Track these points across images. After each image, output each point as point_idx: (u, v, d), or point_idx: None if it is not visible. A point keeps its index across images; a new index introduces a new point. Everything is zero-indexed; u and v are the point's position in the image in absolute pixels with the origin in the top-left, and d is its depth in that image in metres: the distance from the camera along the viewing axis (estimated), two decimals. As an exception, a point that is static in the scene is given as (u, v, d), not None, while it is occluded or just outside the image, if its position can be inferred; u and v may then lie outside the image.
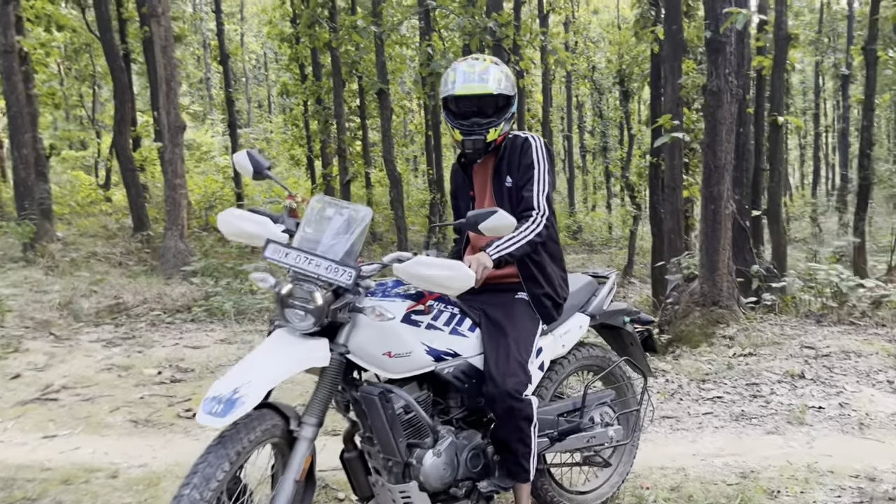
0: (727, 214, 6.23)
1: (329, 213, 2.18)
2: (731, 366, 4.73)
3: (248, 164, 2.32)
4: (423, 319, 2.28)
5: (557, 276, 2.60)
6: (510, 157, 2.56)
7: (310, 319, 2.04)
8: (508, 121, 2.52)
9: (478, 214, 2.12)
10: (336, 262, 2.04)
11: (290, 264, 2.06)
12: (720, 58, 5.98)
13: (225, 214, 2.25)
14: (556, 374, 2.73)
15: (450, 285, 2.05)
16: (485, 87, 2.44)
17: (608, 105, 28.40)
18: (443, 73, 8.12)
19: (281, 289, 2.07)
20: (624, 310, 2.91)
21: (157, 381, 4.72)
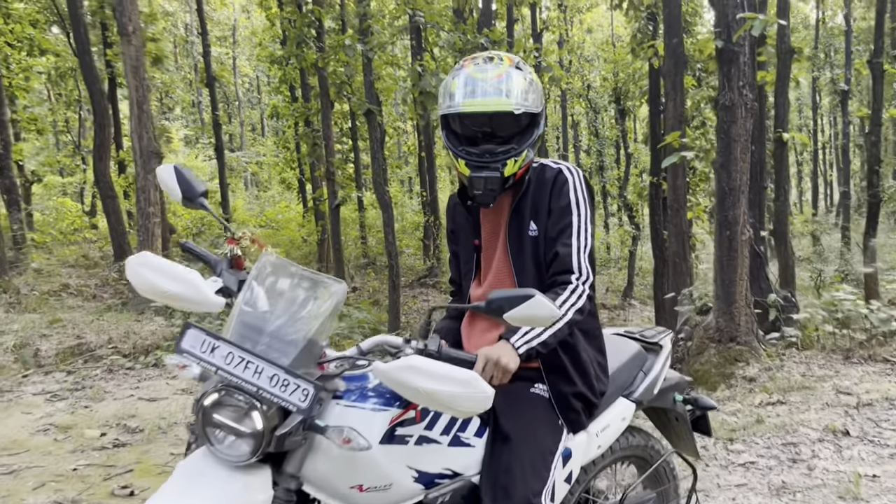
0: (744, 241, 5.66)
1: (283, 286, 1.54)
2: (761, 419, 4.12)
3: (174, 184, 1.70)
4: (412, 433, 1.63)
5: (594, 365, 1.94)
6: (537, 195, 1.88)
7: (244, 448, 1.42)
8: (533, 146, 1.84)
9: (505, 298, 1.47)
10: (286, 370, 1.40)
11: (217, 366, 1.41)
12: (733, 69, 5.44)
13: (135, 263, 1.55)
14: (585, 475, 2.10)
15: (458, 407, 1.39)
16: (501, 102, 1.74)
17: (604, 124, 28.07)
18: (433, 91, 7.29)
19: (204, 396, 1.44)
20: (676, 384, 2.28)
21: (98, 445, 4.08)
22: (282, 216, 22.75)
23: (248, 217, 22.68)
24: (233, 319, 1.47)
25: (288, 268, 1.51)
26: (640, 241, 22.01)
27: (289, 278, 1.50)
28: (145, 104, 8.86)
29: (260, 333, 1.44)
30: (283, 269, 1.51)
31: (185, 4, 27.86)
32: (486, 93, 1.73)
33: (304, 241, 19.64)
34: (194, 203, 1.69)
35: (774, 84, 10.94)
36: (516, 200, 1.89)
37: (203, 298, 1.52)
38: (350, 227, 20.21)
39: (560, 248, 1.82)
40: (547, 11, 22.01)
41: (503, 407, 1.79)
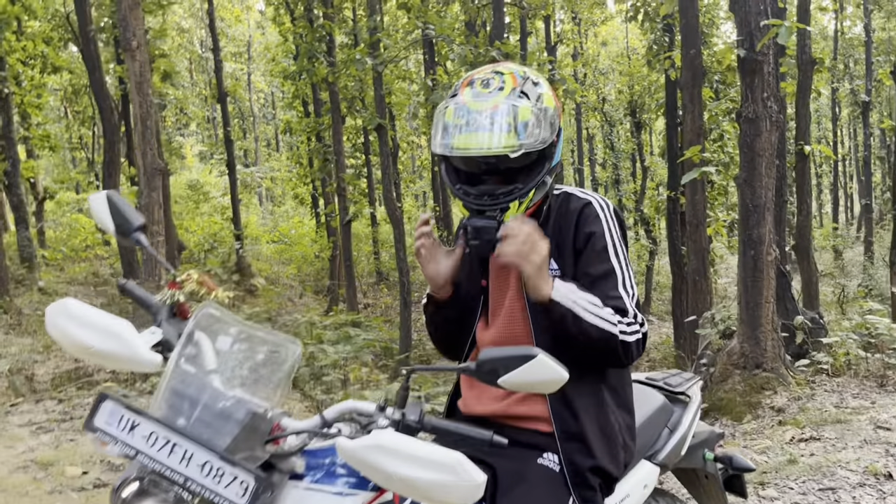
0: (770, 261, 5.33)
1: (224, 343, 1.27)
2: (794, 459, 3.78)
3: (106, 216, 1.46)
4: None
5: (622, 431, 1.60)
6: (559, 229, 1.59)
7: None
8: (543, 184, 1.53)
9: (500, 359, 1.19)
10: (221, 456, 1.12)
11: (136, 449, 1.14)
12: (756, 79, 5.14)
13: (55, 312, 1.26)
14: None
15: (439, 498, 1.10)
16: (505, 140, 1.43)
17: (619, 137, 27.83)
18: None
19: (122, 487, 1.17)
20: (706, 439, 1.98)
21: (77, 485, 3.83)
22: (295, 231, 22.64)
23: (260, 232, 22.58)
24: (162, 386, 1.19)
25: (231, 323, 1.24)
26: (657, 256, 21.67)
27: (231, 336, 1.22)
28: (149, 120, 8.67)
29: (194, 405, 1.16)
30: (227, 323, 1.24)
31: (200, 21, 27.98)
32: (480, 128, 1.43)
33: (316, 257, 19.48)
34: (128, 238, 1.43)
35: (795, 95, 10.64)
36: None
37: (134, 356, 1.24)
38: (363, 243, 20.02)
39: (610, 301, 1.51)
40: (561, 24, 21.84)
41: (503, 481, 1.50)
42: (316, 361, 6.32)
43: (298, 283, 18.29)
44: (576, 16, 20.98)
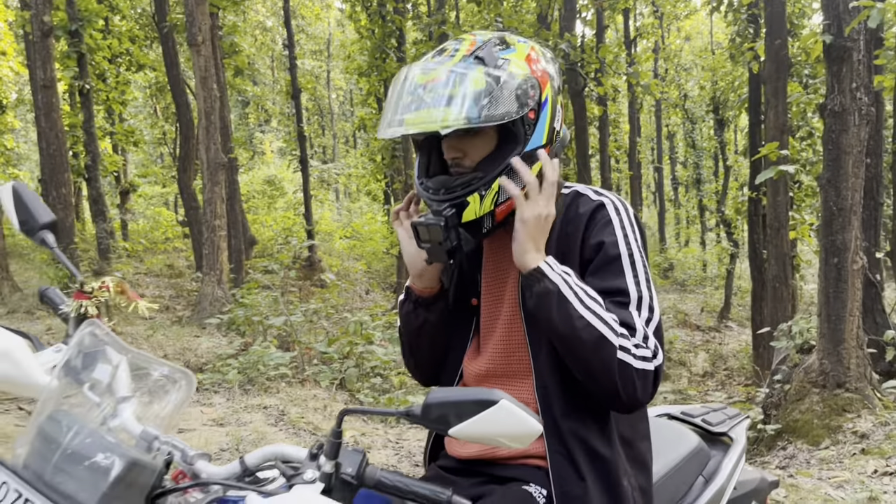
0: (856, 270, 4.81)
1: (102, 374, 1.03)
2: (875, 497, 3.33)
3: (10, 209, 1.28)
4: None
5: (633, 497, 1.27)
6: (565, 234, 1.29)
7: None
8: (514, 174, 1.22)
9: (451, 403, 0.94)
10: None
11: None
12: (844, 69, 4.63)
13: None
14: None
15: None
16: (444, 114, 1.15)
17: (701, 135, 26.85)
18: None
19: None
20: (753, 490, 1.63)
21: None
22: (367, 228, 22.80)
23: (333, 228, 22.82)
24: (31, 424, 0.97)
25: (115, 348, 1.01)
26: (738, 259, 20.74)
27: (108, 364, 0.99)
28: (213, 115, 8.73)
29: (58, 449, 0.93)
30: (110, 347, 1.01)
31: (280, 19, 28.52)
32: (424, 104, 1.16)
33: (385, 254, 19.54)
34: (33, 236, 1.23)
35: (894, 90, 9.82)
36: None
37: (27, 380, 1.04)
38: (432, 240, 19.94)
39: (621, 315, 1.22)
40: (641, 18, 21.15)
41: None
42: (365, 362, 6.16)
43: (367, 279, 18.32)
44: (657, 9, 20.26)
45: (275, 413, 4.97)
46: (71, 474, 0.91)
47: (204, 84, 8.59)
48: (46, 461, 0.92)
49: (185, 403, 0.97)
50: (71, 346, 1.02)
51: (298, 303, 9.30)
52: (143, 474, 0.93)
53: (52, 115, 8.84)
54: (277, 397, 5.33)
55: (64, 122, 9.75)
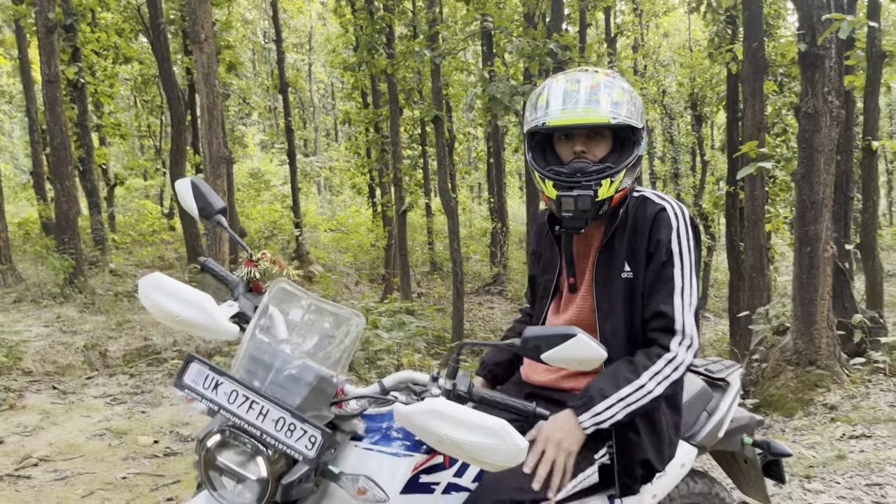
0: (826, 258, 5.28)
1: (295, 315, 1.41)
2: (843, 454, 3.78)
3: (190, 200, 1.62)
4: (439, 480, 1.46)
5: (669, 430, 1.70)
6: (634, 232, 1.66)
7: (247, 496, 1.30)
8: (633, 168, 1.63)
9: (543, 337, 1.30)
10: (293, 413, 1.27)
11: (219, 405, 1.30)
12: (817, 74, 5.08)
13: (146, 284, 1.43)
14: None
15: (485, 459, 1.21)
16: (597, 112, 1.55)
17: (679, 130, 27.29)
18: (500, 97, 7.09)
19: (207, 436, 1.33)
20: (746, 424, 2.05)
21: (149, 452, 4.09)
22: (352, 220, 23.01)
23: (319, 221, 23.04)
24: (241, 352, 1.35)
25: (302, 297, 1.39)
26: (715, 252, 21.28)
27: (302, 309, 1.37)
28: (216, 110, 9.00)
29: (268, 369, 1.32)
30: (298, 298, 1.39)
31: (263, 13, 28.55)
32: (578, 103, 1.55)
33: (372, 246, 19.82)
34: (210, 220, 1.59)
35: (864, 89, 10.33)
36: (609, 234, 1.68)
37: (215, 325, 1.40)
38: (418, 233, 20.23)
39: (662, 307, 1.59)
40: (622, 15, 21.59)
41: None
42: (371, 346, 6.51)
43: (354, 271, 18.63)
44: (637, 7, 20.71)
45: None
46: (279, 386, 1.29)
47: (207, 80, 8.84)
48: (260, 378, 1.30)
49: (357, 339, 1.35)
50: (267, 295, 1.39)
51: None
52: (328, 386, 1.32)
53: (56, 110, 9.06)
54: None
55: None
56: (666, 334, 1.57)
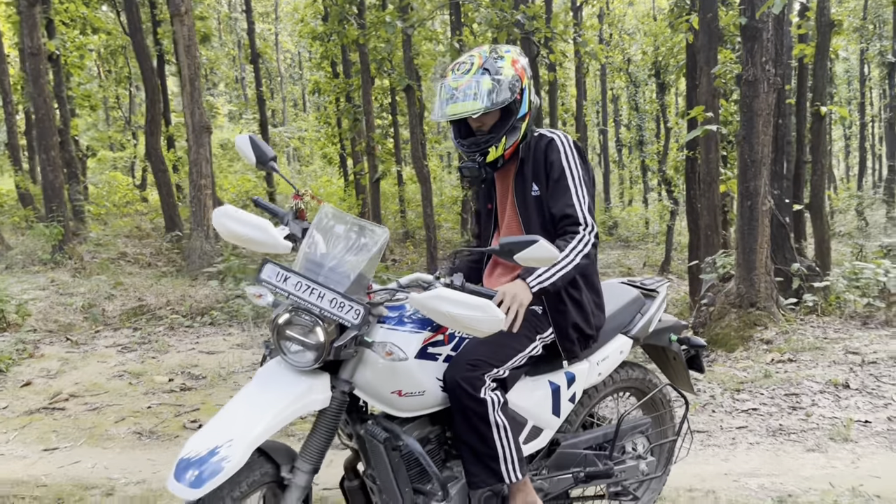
0: (764, 211, 5.90)
1: (339, 231, 1.91)
2: (769, 374, 4.43)
3: (249, 151, 2.09)
4: (440, 352, 2.01)
5: (590, 304, 2.26)
6: (534, 162, 2.22)
7: (309, 356, 1.81)
8: (515, 129, 2.18)
9: (514, 243, 1.81)
10: (342, 295, 1.78)
11: (289, 292, 1.81)
12: (756, 45, 5.65)
13: (219, 213, 1.92)
14: (589, 399, 2.45)
15: (476, 328, 1.74)
16: (472, 105, 2.09)
17: (644, 98, 27.88)
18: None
19: (278, 316, 1.83)
20: (671, 326, 2.62)
21: (167, 388, 4.59)
22: (323, 190, 23.28)
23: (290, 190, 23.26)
24: (300, 257, 1.87)
25: (343, 217, 1.90)
26: (678, 216, 22.02)
27: (343, 225, 1.88)
28: (196, 81, 9.34)
29: (321, 268, 1.83)
30: (339, 218, 1.90)
31: (229, -18, 28.34)
32: (459, 99, 2.10)
33: (344, 214, 20.14)
34: (266, 166, 2.08)
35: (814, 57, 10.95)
36: (518, 167, 2.25)
37: (274, 242, 1.91)
38: (390, 201, 20.61)
39: (565, 207, 2.14)
40: (587, -16, 21.95)
41: None
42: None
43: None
44: (603, -26, 21.07)
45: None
46: (331, 278, 1.81)
47: (188, 52, 9.17)
48: (315, 273, 1.82)
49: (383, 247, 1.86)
50: (319, 214, 1.90)
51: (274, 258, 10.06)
52: (364, 280, 1.84)
53: (40, 82, 9.30)
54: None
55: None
56: (574, 226, 2.14)
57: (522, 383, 2.20)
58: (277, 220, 2.09)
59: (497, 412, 2.01)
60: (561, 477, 2.33)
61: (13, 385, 4.64)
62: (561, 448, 2.33)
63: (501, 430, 2.01)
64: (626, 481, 2.48)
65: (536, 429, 2.23)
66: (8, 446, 3.66)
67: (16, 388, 4.60)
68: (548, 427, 2.26)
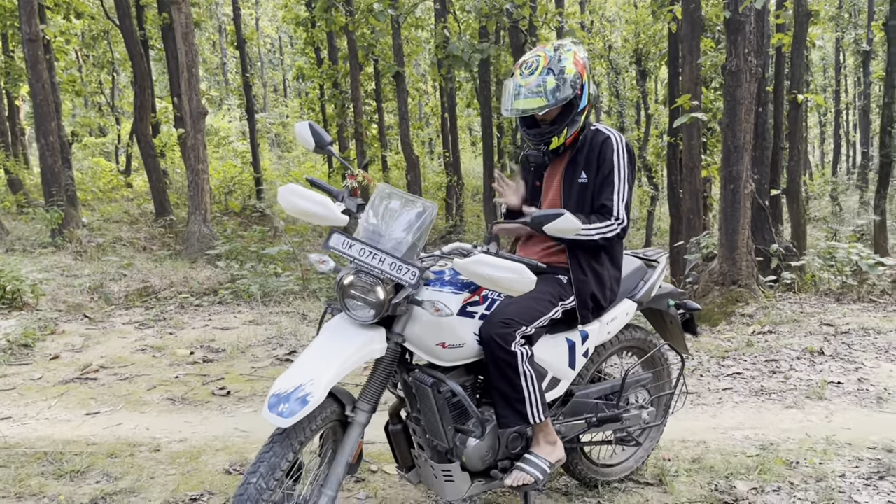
0: (746, 194, 6.27)
1: (394, 205, 2.19)
2: (751, 343, 4.81)
3: (309, 137, 2.35)
4: (477, 310, 2.31)
5: (610, 280, 2.58)
6: (588, 153, 2.52)
7: (370, 312, 2.11)
8: (575, 121, 2.47)
9: (543, 215, 2.10)
10: (400, 259, 2.07)
11: (354, 257, 2.10)
12: (739, 38, 6.00)
13: (284, 191, 2.19)
14: (598, 356, 2.78)
15: (512, 288, 2.04)
16: (539, 101, 2.38)
17: (625, 85, 28.16)
18: (460, 55, 8.40)
19: (343, 278, 2.13)
20: (670, 293, 2.95)
21: (189, 360, 4.87)
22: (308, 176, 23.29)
23: (275, 176, 23.37)
24: (361, 228, 2.17)
25: (397, 193, 2.20)
26: (658, 202, 22.43)
27: (398, 200, 2.19)
28: (194, 68, 9.52)
29: (381, 237, 2.13)
30: (394, 194, 2.20)
31: (211, -34, 28.14)
32: (527, 96, 2.40)
33: (332, 200, 20.30)
34: (324, 150, 2.37)
35: (791, 46, 11.34)
36: (573, 154, 2.56)
37: (334, 216, 2.20)
38: (375, 187, 20.78)
39: (605, 200, 2.47)
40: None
41: None
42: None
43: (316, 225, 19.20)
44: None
45: (297, 315, 6.13)
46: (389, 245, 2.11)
47: (185, 39, 9.34)
48: (376, 241, 2.12)
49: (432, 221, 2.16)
50: (377, 191, 2.20)
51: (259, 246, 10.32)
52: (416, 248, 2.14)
53: (38, 68, 9.43)
54: (293, 306, 6.48)
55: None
56: (608, 215, 2.47)
57: (544, 340, 2.52)
58: (334, 197, 2.38)
59: (525, 363, 2.33)
60: (575, 422, 2.66)
61: (42, 358, 4.89)
62: (575, 398, 2.66)
63: (528, 379, 2.33)
64: (630, 428, 2.82)
65: (555, 379, 2.56)
66: (51, 412, 3.93)
67: (45, 361, 4.85)
68: (565, 378, 2.59)
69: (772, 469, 2.95)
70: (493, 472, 2.41)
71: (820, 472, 2.93)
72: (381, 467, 3.11)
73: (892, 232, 17.32)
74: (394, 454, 2.52)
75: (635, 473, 3.00)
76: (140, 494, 2.89)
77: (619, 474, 2.97)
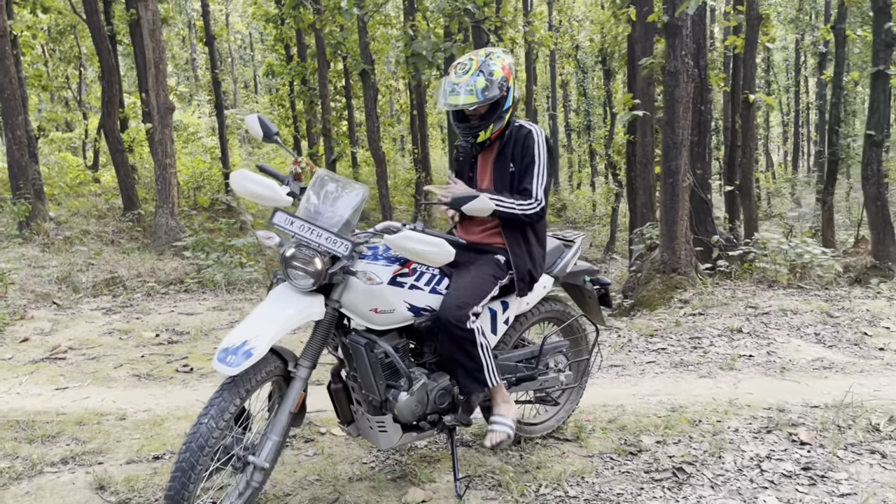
0: (685, 187, 6.69)
1: (331, 188, 2.52)
2: (679, 323, 5.21)
3: (258, 128, 2.63)
4: (406, 281, 2.63)
5: (539, 257, 2.93)
6: (514, 146, 2.83)
7: (309, 280, 2.42)
8: (500, 118, 2.79)
9: (461, 197, 2.50)
10: (335, 233, 2.38)
11: (294, 232, 2.41)
12: (677, 40, 6.41)
13: (237, 175, 2.51)
14: (520, 325, 3.12)
15: (432, 259, 2.38)
16: (469, 98, 2.70)
17: (592, 84, 28.64)
18: (424, 54, 8.84)
19: (285, 251, 2.43)
20: (586, 270, 3.31)
21: (155, 342, 5.14)
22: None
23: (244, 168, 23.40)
24: (301, 207, 2.50)
25: (334, 177, 2.54)
26: (622, 199, 22.91)
27: (334, 183, 2.52)
28: (162, 64, 9.73)
29: (319, 215, 2.46)
30: (331, 178, 2.54)
31: (179, -38, 28.08)
32: (458, 93, 2.73)
33: (298, 196, 20.46)
34: (271, 139, 2.68)
35: (743, 48, 11.84)
36: (501, 147, 2.89)
37: (279, 197, 2.53)
38: (344, 183, 21.00)
39: (526, 184, 2.82)
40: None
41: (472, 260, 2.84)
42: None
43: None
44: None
45: (260, 302, 6.40)
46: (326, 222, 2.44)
47: (153, 35, 9.54)
48: (314, 218, 2.45)
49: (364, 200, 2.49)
50: (316, 175, 2.52)
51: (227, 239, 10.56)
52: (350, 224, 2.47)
53: (6, 63, 9.56)
54: (257, 294, 6.76)
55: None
56: (528, 197, 2.81)
57: (471, 310, 2.87)
58: (280, 181, 2.70)
59: (481, 335, 2.70)
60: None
61: (12, 341, 5.12)
62: (498, 361, 3.01)
63: (485, 349, 2.71)
64: (549, 388, 3.18)
65: (480, 344, 2.91)
66: (22, 387, 4.18)
67: (15, 343, 5.08)
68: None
69: (676, 426, 3.33)
70: (421, 424, 2.75)
71: (717, 427, 3.31)
72: (329, 430, 3.43)
73: (844, 228, 18.04)
74: (336, 410, 2.84)
75: (556, 432, 3.35)
76: (107, 454, 3.18)
77: (541, 432, 3.33)
